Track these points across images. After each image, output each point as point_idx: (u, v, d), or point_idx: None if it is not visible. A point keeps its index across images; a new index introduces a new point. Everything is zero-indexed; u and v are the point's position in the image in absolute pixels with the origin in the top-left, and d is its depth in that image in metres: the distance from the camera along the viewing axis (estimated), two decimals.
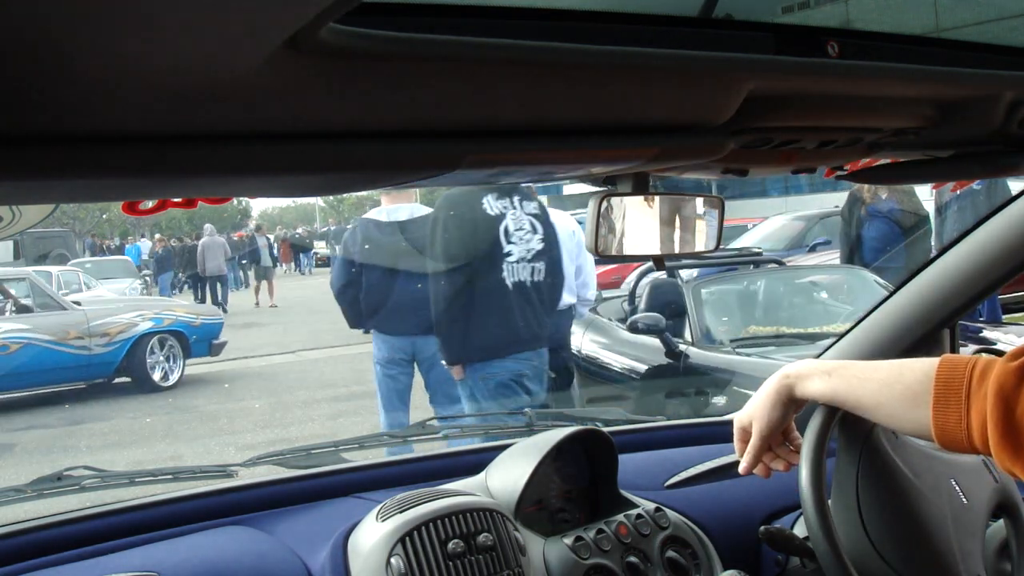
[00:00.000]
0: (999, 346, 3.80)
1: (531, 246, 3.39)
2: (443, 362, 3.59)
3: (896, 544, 1.22)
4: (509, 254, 3.35)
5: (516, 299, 3.37)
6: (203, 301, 15.49)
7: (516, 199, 3.42)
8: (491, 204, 3.39)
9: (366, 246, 3.85)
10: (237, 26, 0.52)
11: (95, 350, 8.31)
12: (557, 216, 4.29)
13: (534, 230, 3.42)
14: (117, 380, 8.69)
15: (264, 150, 0.69)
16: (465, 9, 0.71)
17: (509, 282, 3.36)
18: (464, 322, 3.40)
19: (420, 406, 6.63)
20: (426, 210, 3.98)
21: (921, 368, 1.11)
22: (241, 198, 0.96)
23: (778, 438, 1.28)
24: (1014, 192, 1.70)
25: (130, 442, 6.70)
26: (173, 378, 8.83)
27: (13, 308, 8.32)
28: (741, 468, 1.29)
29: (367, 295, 3.86)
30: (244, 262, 21.10)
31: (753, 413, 1.27)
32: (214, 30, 0.51)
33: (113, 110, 0.59)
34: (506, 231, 3.37)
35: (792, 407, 1.26)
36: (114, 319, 8.58)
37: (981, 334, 4.11)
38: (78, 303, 8.98)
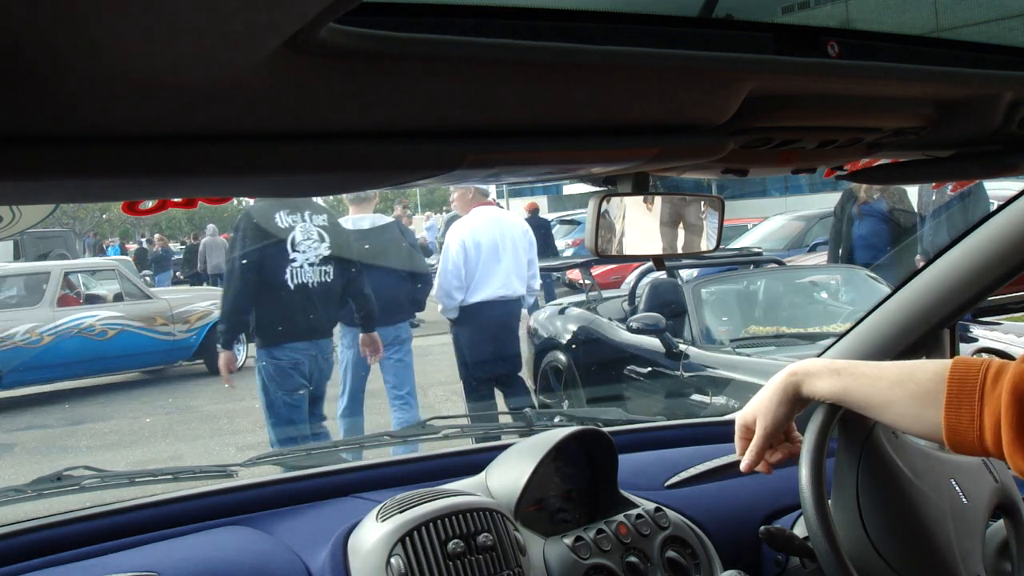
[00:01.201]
0: (988, 344, 3.79)
1: (318, 252, 4.05)
2: (218, 346, 4.28)
3: (896, 544, 1.22)
4: (294, 260, 4.00)
5: (298, 298, 4.02)
6: None
7: (306, 214, 4.08)
8: (282, 218, 4.04)
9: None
10: (237, 26, 0.52)
11: (177, 336, 9.06)
12: (509, 216, 5.17)
13: (321, 239, 4.06)
14: (191, 364, 9.32)
15: (264, 150, 0.68)
16: (465, 9, 0.71)
17: (292, 284, 4.00)
18: (251, 314, 4.08)
19: (420, 406, 6.65)
20: (386, 219, 4.86)
21: (933, 368, 1.10)
22: (241, 198, 0.96)
23: (779, 437, 1.28)
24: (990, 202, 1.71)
25: (130, 442, 6.70)
26: (240, 361, 9.35)
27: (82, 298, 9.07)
28: (743, 466, 1.28)
29: None
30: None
31: (758, 410, 1.26)
32: (214, 30, 0.51)
33: (113, 110, 0.59)
34: (293, 241, 4.01)
35: (797, 405, 1.25)
36: (192, 307, 9.20)
37: (969, 332, 4.09)
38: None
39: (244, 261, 4.04)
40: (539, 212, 12.06)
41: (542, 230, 11.82)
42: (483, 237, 4.75)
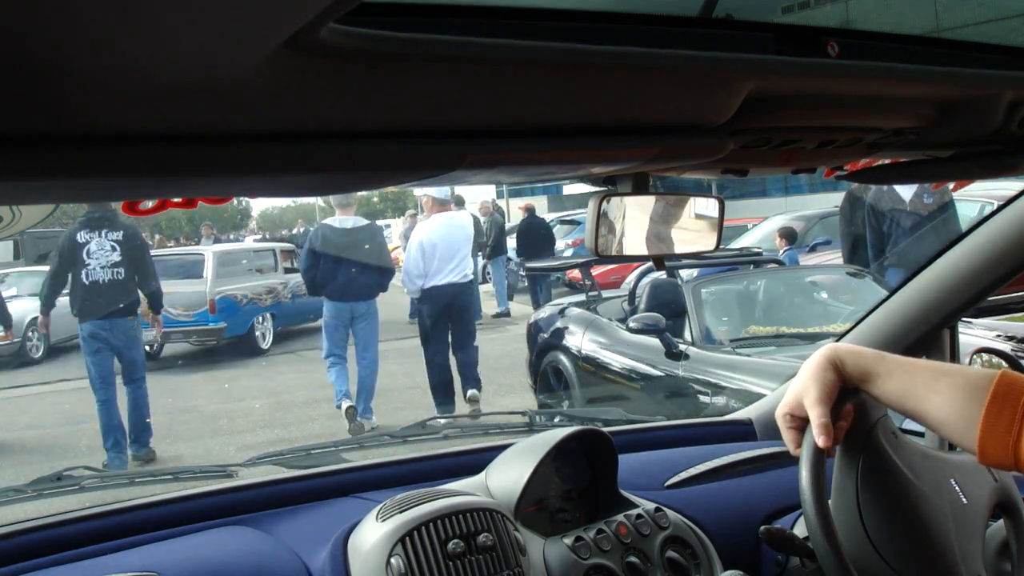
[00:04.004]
0: (988, 344, 3.78)
1: (110, 259, 5.85)
2: (42, 315, 6.36)
3: (896, 544, 1.22)
4: (87, 263, 5.83)
5: (91, 289, 5.86)
6: None
7: (103, 231, 5.88)
8: (82, 236, 5.88)
9: (322, 243, 6.30)
10: (237, 26, 0.52)
11: None
12: (459, 219, 6.75)
13: (113, 250, 5.88)
14: None
15: (264, 150, 0.68)
16: (465, 9, 0.71)
17: (87, 280, 5.86)
18: (54, 297, 6.20)
19: (420, 406, 6.64)
20: (364, 221, 6.52)
21: (983, 371, 1.09)
22: (241, 198, 0.96)
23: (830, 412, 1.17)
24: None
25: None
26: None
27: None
28: (823, 444, 1.15)
29: (320, 275, 6.34)
30: None
31: (801, 389, 1.18)
32: (214, 30, 0.51)
33: (113, 110, 0.59)
34: (88, 251, 5.85)
35: (840, 376, 1.17)
36: None
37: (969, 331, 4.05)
38: None
39: (56, 264, 6.06)
40: (535, 212, 12.94)
41: (541, 230, 12.21)
42: (436, 237, 6.36)
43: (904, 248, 5.78)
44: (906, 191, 5.86)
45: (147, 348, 10.12)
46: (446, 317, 6.50)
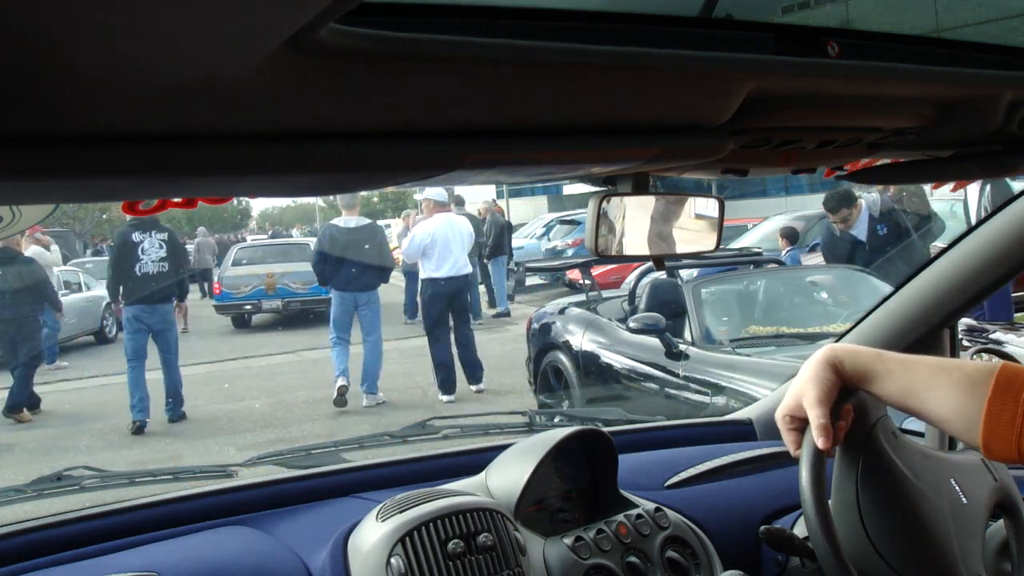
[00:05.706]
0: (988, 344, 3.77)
1: (159, 254, 7.16)
2: (114, 303, 8.35)
3: (896, 544, 1.22)
4: (141, 259, 7.14)
5: (143, 279, 7.17)
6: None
7: (152, 232, 7.20)
8: (135, 236, 7.16)
9: (330, 240, 7.40)
10: (237, 26, 0.52)
11: None
12: (458, 220, 7.88)
13: (161, 247, 7.18)
14: None
15: (264, 150, 0.68)
16: (465, 9, 0.71)
17: (139, 272, 7.15)
18: (120, 288, 7.44)
19: (420, 406, 6.64)
20: (367, 220, 7.59)
21: (981, 364, 1.09)
22: (241, 198, 0.96)
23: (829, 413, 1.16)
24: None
25: (130, 442, 6.70)
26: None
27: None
28: (822, 446, 1.14)
29: (328, 268, 7.38)
30: None
31: (800, 390, 1.17)
32: (214, 30, 0.51)
33: (113, 110, 0.59)
34: (142, 248, 7.15)
35: (840, 376, 1.17)
36: None
37: (993, 335, 4.03)
38: None
39: (115, 260, 7.46)
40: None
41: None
42: (438, 234, 7.41)
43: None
44: (861, 230, 5.92)
45: (244, 316, 13.17)
46: (445, 305, 7.51)
